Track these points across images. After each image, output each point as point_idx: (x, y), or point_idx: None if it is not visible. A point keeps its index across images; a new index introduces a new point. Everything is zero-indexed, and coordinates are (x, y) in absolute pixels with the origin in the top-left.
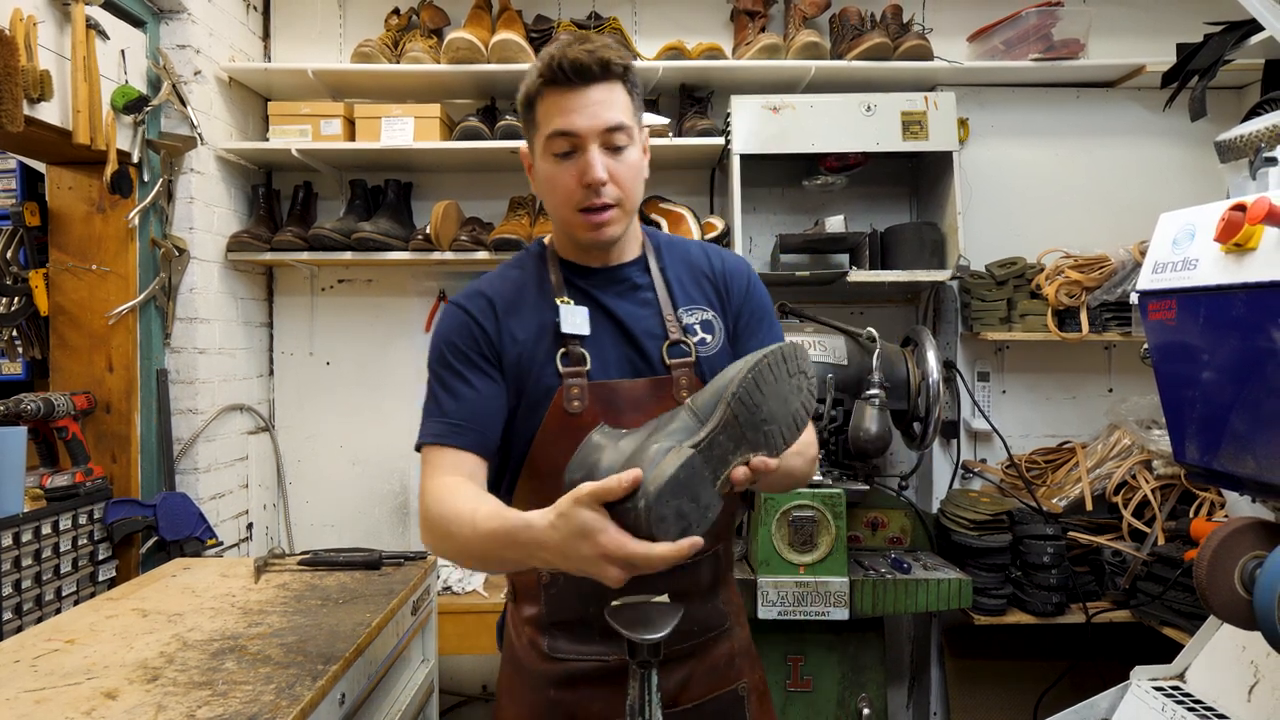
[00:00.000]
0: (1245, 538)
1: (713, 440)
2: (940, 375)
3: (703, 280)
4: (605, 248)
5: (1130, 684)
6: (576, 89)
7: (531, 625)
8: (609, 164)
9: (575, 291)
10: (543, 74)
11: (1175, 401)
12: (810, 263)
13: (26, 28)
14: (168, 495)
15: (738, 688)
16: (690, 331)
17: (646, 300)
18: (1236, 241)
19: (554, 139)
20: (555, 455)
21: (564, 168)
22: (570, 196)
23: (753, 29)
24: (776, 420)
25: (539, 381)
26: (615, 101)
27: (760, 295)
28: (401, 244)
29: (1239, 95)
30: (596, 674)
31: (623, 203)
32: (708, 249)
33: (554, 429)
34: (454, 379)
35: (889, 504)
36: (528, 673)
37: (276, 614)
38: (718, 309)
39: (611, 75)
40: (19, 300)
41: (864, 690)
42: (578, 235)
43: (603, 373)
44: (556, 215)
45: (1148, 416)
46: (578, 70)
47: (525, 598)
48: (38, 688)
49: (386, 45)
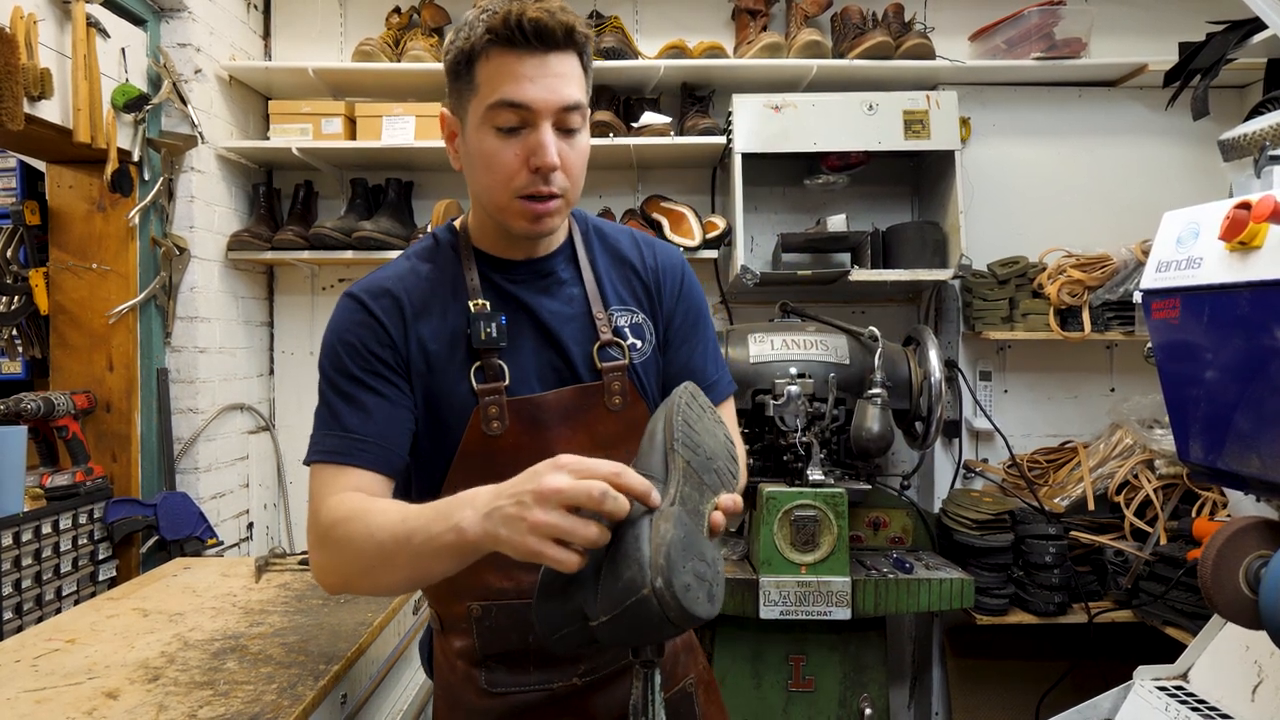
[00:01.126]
0: (1250, 537)
1: (682, 494)
2: (942, 374)
3: (633, 279)
4: (537, 240)
5: (1133, 684)
6: (535, 53)
7: (464, 659)
8: (561, 148)
9: (492, 290)
10: (493, 29)
11: (1179, 400)
12: (812, 262)
13: (27, 25)
14: (168, 495)
15: (685, 684)
16: (620, 334)
17: (572, 297)
18: (1241, 240)
19: (499, 109)
20: (475, 480)
21: (508, 145)
22: (511, 179)
23: (754, 28)
24: (718, 456)
25: (452, 399)
26: (573, 76)
27: (694, 297)
28: (402, 243)
29: (1241, 94)
30: (541, 703)
31: (568, 193)
32: (639, 240)
33: (473, 453)
34: (355, 387)
35: (891, 503)
36: (465, 708)
37: (278, 614)
38: (647, 311)
39: (574, 45)
40: (19, 299)
41: (866, 690)
42: (511, 224)
43: (524, 385)
44: (488, 198)
45: (1150, 416)
46: (539, 33)
47: (453, 630)
48: (38, 687)
49: (387, 44)
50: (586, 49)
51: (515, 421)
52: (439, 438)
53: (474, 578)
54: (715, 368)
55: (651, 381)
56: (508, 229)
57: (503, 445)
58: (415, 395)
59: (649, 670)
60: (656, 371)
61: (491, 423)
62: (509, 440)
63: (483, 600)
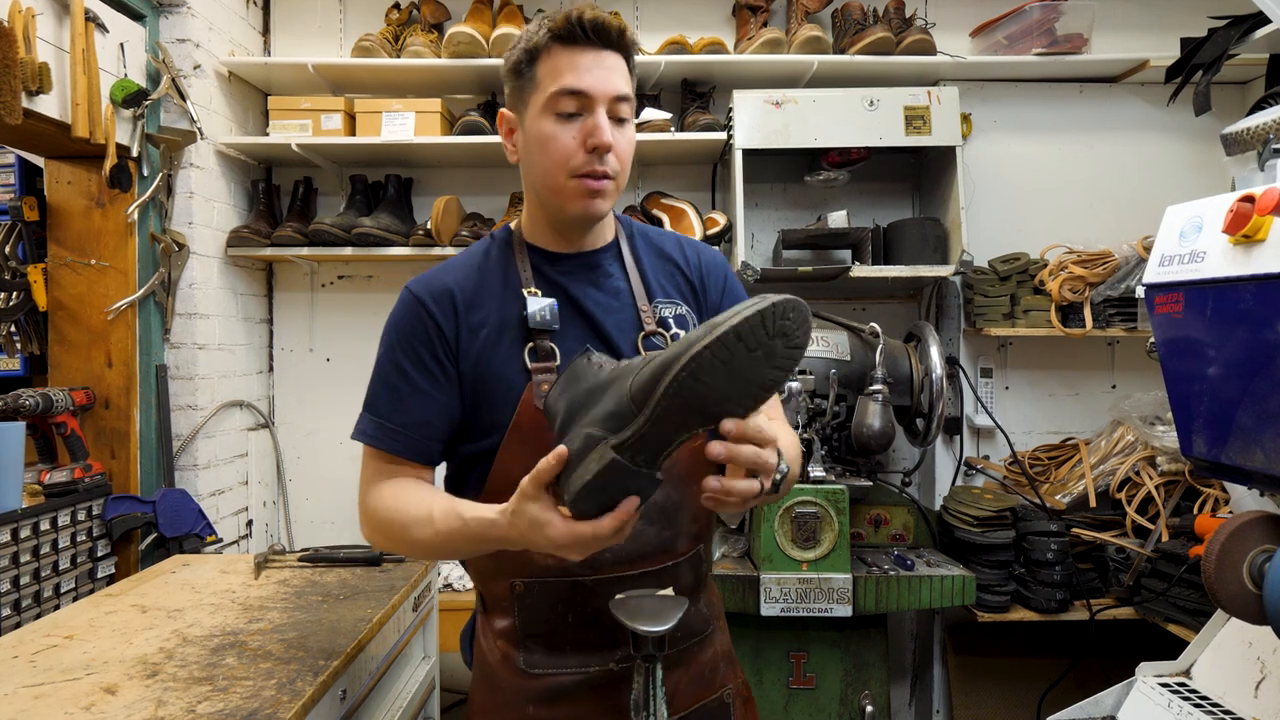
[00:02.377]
0: (1253, 532)
1: (642, 435)
2: (943, 371)
3: (676, 275)
4: (589, 225)
5: (1136, 680)
6: (592, 48)
7: (505, 639)
8: (613, 133)
9: (543, 281)
10: (555, 30)
11: (1182, 395)
12: (813, 258)
13: (25, 20)
14: (167, 492)
15: (723, 694)
16: (664, 324)
17: (618, 290)
18: (1245, 233)
19: (561, 97)
20: (527, 454)
21: (566, 129)
22: (569, 160)
23: (755, 24)
24: (731, 399)
25: (503, 380)
26: (623, 72)
27: (739, 295)
28: (402, 239)
29: (1243, 90)
30: (577, 687)
31: (619, 177)
32: (682, 241)
33: (525, 426)
34: (399, 379)
35: (892, 500)
36: (503, 690)
37: (277, 610)
38: (691, 304)
39: (624, 47)
40: (17, 295)
41: (867, 687)
42: (566, 205)
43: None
44: (546, 182)
45: (1151, 412)
46: (597, 29)
47: (496, 609)
48: (37, 683)
49: (387, 39)
50: (633, 54)
51: None
52: (492, 416)
53: (517, 555)
54: None
55: None
56: (561, 212)
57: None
58: (465, 381)
59: (650, 665)
60: None
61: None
62: None
63: (525, 577)
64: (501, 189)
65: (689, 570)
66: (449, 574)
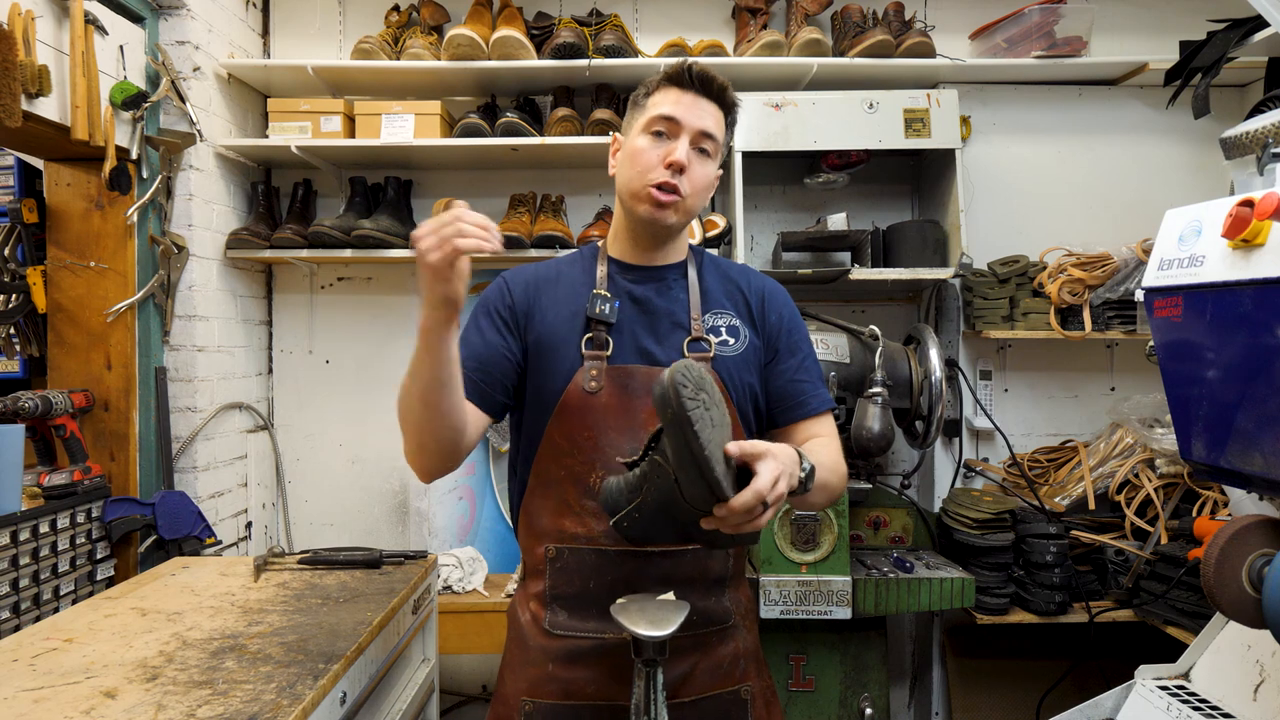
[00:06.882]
0: (1252, 535)
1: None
2: (943, 373)
3: (735, 293)
4: (657, 232)
5: (1135, 683)
6: (693, 92)
7: (536, 600)
8: (691, 158)
9: (614, 285)
10: (670, 73)
11: (1181, 399)
12: (812, 261)
13: (25, 22)
14: (166, 494)
15: (740, 690)
16: (714, 332)
17: (677, 299)
18: (1244, 237)
19: (657, 119)
20: (571, 428)
21: (654, 146)
22: (649, 169)
23: (754, 26)
24: (715, 442)
25: (563, 360)
26: (716, 119)
27: (797, 322)
28: (401, 241)
29: (1242, 93)
30: (594, 651)
31: (688, 199)
32: (748, 270)
33: (571, 405)
34: (474, 332)
35: (891, 503)
36: (530, 647)
37: (277, 613)
38: (745, 320)
39: (724, 101)
40: (16, 297)
41: (866, 689)
42: (638, 209)
43: (623, 359)
44: (628, 187)
45: (1150, 415)
46: (703, 80)
47: (533, 574)
48: (36, 686)
49: (387, 42)
50: (734, 113)
51: (610, 384)
52: (547, 389)
53: (554, 523)
54: (813, 384)
55: (738, 375)
56: (634, 215)
57: (596, 403)
58: (528, 353)
59: (651, 669)
60: (748, 369)
61: (590, 382)
62: (602, 399)
63: (557, 543)
64: (501, 191)
65: (718, 560)
66: (448, 576)
